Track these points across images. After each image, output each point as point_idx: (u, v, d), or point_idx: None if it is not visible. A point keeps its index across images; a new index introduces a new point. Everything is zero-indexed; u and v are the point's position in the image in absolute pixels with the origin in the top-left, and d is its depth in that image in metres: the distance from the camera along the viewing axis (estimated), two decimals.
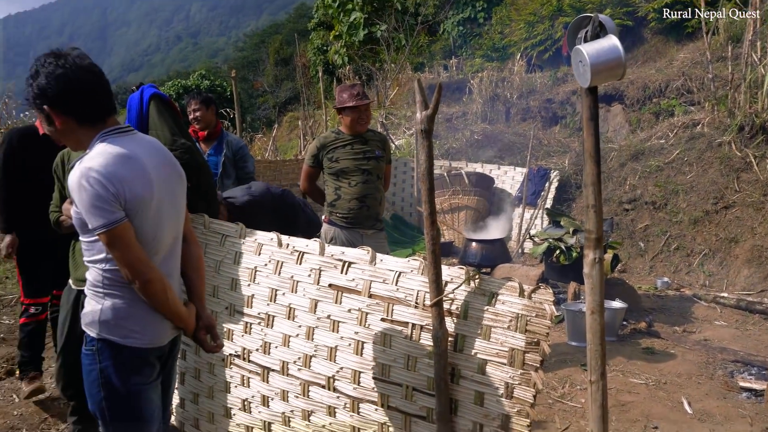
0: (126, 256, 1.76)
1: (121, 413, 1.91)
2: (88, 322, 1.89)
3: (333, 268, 2.49)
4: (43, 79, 1.78)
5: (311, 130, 11.17)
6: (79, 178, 1.73)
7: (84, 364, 1.93)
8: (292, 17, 50.33)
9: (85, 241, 1.87)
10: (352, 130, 3.74)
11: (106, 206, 1.72)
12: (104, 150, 1.79)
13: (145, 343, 1.90)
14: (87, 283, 1.91)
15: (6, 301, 5.49)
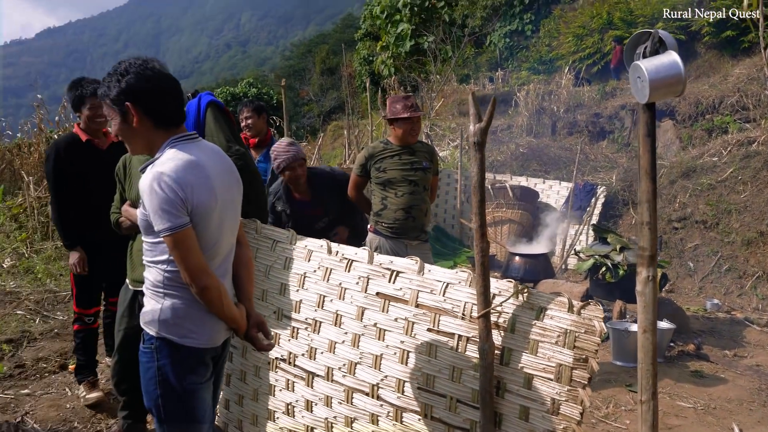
0: (187, 261, 1.83)
1: (176, 411, 1.96)
2: (148, 321, 1.96)
3: (381, 277, 2.52)
4: (132, 77, 1.86)
5: (356, 140, 11.25)
6: (151, 182, 1.80)
7: (142, 362, 1.99)
8: (339, 27, 51.03)
9: (148, 242, 1.94)
10: (402, 141, 3.77)
11: (173, 210, 1.79)
12: (175, 156, 1.87)
13: (201, 343, 1.96)
14: (147, 282, 1.98)
15: (60, 297, 5.70)
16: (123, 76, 1.87)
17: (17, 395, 3.68)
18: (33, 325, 4.93)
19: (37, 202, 8.10)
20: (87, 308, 3.58)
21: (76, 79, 3.51)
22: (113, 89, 1.87)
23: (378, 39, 25.21)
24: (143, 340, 1.99)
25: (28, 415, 3.40)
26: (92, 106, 3.40)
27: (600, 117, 11.64)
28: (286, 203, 3.81)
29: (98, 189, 3.36)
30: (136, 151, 1.99)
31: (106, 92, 1.90)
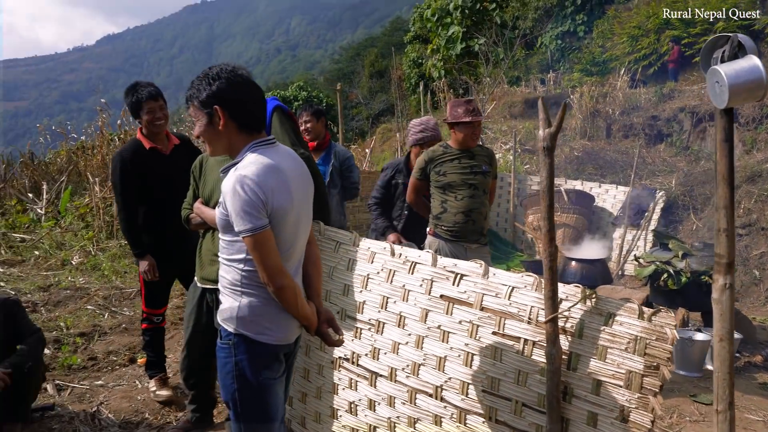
0: (265, 261, 1.90)
1: (251, 405, 2.04)
2: (226, 318, 2.03)
3: (445, 280, 2.54)
4: (223, 83, 1.96)
5: None
6: (234, 184, 1.87)
7: (219, 357, 2.06)
8: (388, 31, 51.22)
9: (225, 240, 2.03)
10: (463, 145, 3.78)
11: (254, 212, 1.86)
12: (256, 160, 1.94)
13: (276, 340, 2.04)
14: (223, 281, 2.06)
15: (126, 294, 5.94)
16: (214, 80, 1.96)
17: (92, 386, 3.87)
18: (102, 319, 5.16)
19: (102, 202, 8.46)
20: (155, 308, 3.69)
21: (131, 84, 3.56)
22: (203, 92, 1.96)
23: (427, 42, 25.23)
24: (221, 336, 2.07)
25: (103, 405, 3.57)
26: (150, 109, 3.44)
27: (657, 120, 11.35)
28: (406, 176, 4.18)
29: (165, 193, 3.45)
30: (217, 152, 2.07)
31: (195, 94, 1.99)
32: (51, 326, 4.79)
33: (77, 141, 12.15)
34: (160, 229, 3.52)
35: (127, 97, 3.48)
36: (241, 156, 1.98)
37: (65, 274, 6.58)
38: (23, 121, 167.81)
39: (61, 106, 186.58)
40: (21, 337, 3.18)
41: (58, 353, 4.33)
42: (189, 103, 2.03)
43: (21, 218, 8.64)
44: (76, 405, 3.58)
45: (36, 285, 6.05)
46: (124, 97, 3.49)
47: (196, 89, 1.99)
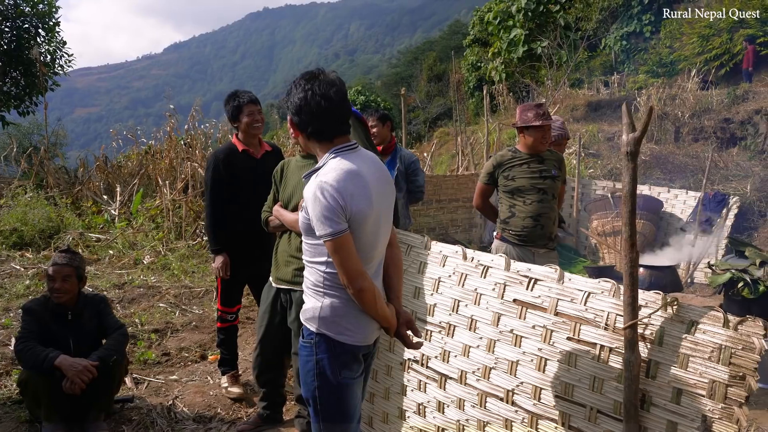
0: (345, 264, 1.96)
1: (331, 402, 2.09)
2: (309, 318, 2.10)
3: (518, 284, 2.53)
4: (294, 97, 2.05)
5: (471, 147, 11.23)
6: (315, 190, 1.94)
7: (301, 355, 2.13)
8: (446, 34, 51.04)
9: (308, 243, 2.09)
10: (533, 149, 3.75)
11: (334, 217, 1.92)
12: (337, 166, 2.00)
13: (356, 341, 2.08)
14: (307, 282, 2.13)
15: (195, 293, 6.15)
16: (290, 91, 2.08)
17: (166, 380, 4.03)
18: (174, 317, 5.37)
19: (172, 204, 8.80)
20: (230, 306, 3.80)
21: (232, 92, 3.73)
22: (289, 102, 2.08)
23: (487, 45, 25.01)
24: (303, 335, 2.13)
25: (178, 399, 3.72)
26: (249, 112, 3.61)
27: (731, 122, 10.90)
28: None
29: (250, 195, 3.55)
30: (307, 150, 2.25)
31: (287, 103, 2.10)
32: (127, 322, 5.01)
33: (145, 145, 12.67)
34: (240, 229, 3.64)
35: (229, 103, 3.64)
36: (324, 161, 2.05)
37: (138, 273, 6.87)
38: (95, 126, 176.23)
39: (129, 112, 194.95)
40: (106, 331, 3.36)
41: (134, 348, 4.53)
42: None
43: (96, 219, 9.08)
44: (153, 398, 3.74)
45: (111, 283, 6.35)
46: (225, 104, 3.67)
47: (288, 98, 2.10)
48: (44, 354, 3.04)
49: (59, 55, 19.72)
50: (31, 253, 7.49)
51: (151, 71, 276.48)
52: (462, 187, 8.35)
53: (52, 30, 19.12)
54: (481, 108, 24.80)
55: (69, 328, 3.28)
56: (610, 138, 11.58)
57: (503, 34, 17.53)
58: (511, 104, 19.20)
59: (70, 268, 3.29)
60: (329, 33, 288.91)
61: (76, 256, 3.38)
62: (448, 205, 8.17)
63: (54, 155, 12.77)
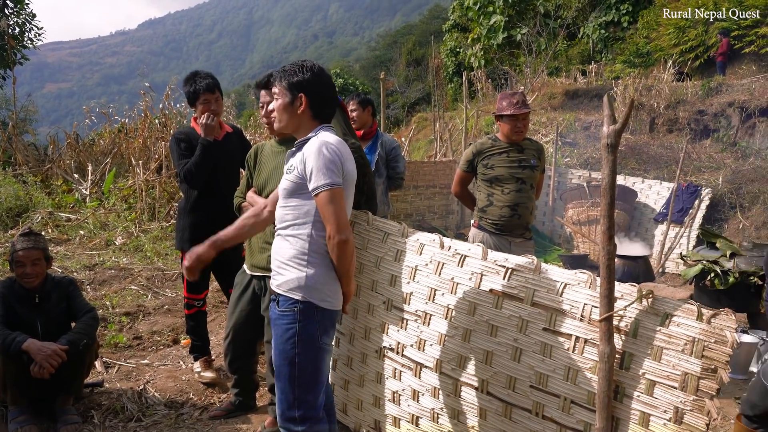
0: (338, 214, 2.16)
1: (308, 368, 2.23)
2: (293, 287, 2.23)
3: (495, 274, 2.53)
4: (314, 76, 2.28)
5: (450, 133, 11.20)
6: (319, 146, 2.17)
7: (278, 324, 2.24)
8: (426, 19, 50.80)
9: (292, 206, 2.26)
10: (508, 139, 3.75)
11: (334, 170, 2.16)
12: (330, 134, 2.28)
13: (334, 306, 2.29)
14: (284, 254, 2.26)
15: (168, 275, 6.06)
16: (306, 71, 2.28)
17: (138, 365, 3.97)
18: (146, 300, 5.28)
19: (145, 185, 8.64)
20: (197, 293, 3.73)
21: (191, 73, 3.62)
22: (294, 77, 2.27)
23: (466, 30, 24.92)
24: (279, 304, 2.25)
25: (149, 383, 3.66)
26: (205, 100, 3.50)
27: (704, 114, 11.04)
28: None
29: (211, 177, 3.50)
30: (283, 129, 2.36)
31: (285, 76, 2.29)
32: (97, 305, 4.92)
33: (118, 123, 12.39)
34: (203, 211, 3.57)
35: (186, 86, 3.55)
36: (314, 133, 2.27)
37: (109, 254, 6.75)
38: (66, 102, 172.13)
39: (102, 89, 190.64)
40: (76, 314, 3.28)
41: (104, 332, 4.45)
42: (276, 81, 2.30)
43: (67, 198, 8.87)
44: (124, 382, 3.68)
45: (82, 264, 6.22)
46: (183, 85, 3.57)
47: (288, 72, 2.29)
48: (11, 337, 2.96)
49: (28, 28, 19.16)
50: None
51: (125, 47, 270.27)
52: (440, 174, 8.34)
53: (21, 2, 18.52)
54: (459, 94, 24.78)
55: (37, 311, 3.20)
56: (587, 127, 11.65)
57: (483, 20, 17.45)
58: (489, 91, 19.21)
59: (38, 251, 3.20)
60: (308, 14, 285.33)
61: (39, 238, 3.29)
62: (425, 191, 8.16)
63: (23, 131, 12.41)
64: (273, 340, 2.30)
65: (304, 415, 2.24)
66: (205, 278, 3.76)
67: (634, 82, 12.99)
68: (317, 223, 2.23)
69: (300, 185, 2.22)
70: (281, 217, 2.32)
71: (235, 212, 3.16)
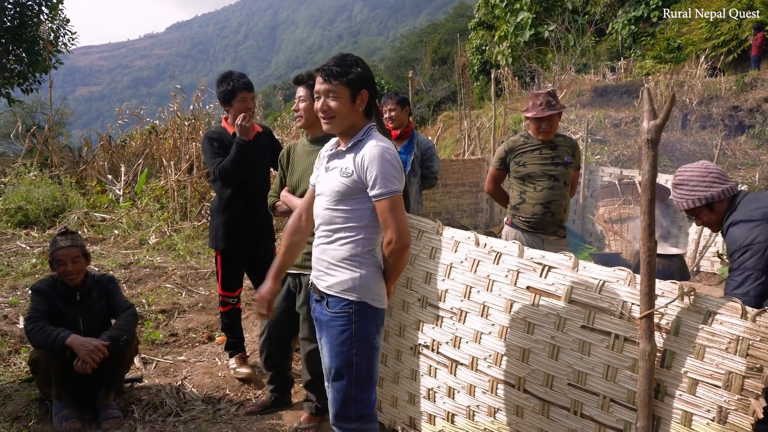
0: (400, 221, 2.16)
1: (365, 368, 2.25)
2: (346, 288, 2.23)
3: (531, 271, 2.52)
4: (363, 69, 2.24)
5: (478, 131, 11.15)
6: (382, 152, 2.16)
7: (334, 326, 2.24)
8: (451, 17, 50.61)
9: (345, 209, 2.22)
10: (538, 137, 3.73)
11: (397, 176, 2.18)
12: (382, 138, 2.25)
13: (383, 305, 2.30)
14: (336, 255, 2.25)
15: (201, 274, 6.15)
16: (359, 65, 2.23)
17: (175, 361, 4.04)
18: (180, 297, 5.37)
19: (177, 185, 8.77)
20: (231, 291, 3.78)
21: (226, 73, 3.61)
22: (352, 73, 2.20)
23: (492, 28, 24.78)
24: (329, 305, 2.25)
25: (186, 379, 3.73)
26: (242, 99, 3.51)
27: (739, 110, 10.82)
28: None
29: (247, 178, 3.53)
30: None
31: (342, 72, 2.18)
32: (134, 302, 5.00)
33: (149, 125, 12.61)
34: (236, 210, 3.61)
35: (221, 85, 3.53)
36: (363, 135, 2.25)
37: (143, 253, 6.87)
38: (97, 105, 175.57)
39: (131, 91, 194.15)
40: (115, 311, 3.36)
41: (141, 329, 4.54)
42: (330, 78, 2.18)
43: (101, 198, 9.07)
44: (162, 378, 3.75)
45: (117, 263, 6.35)
46: (217, 85, 3.55)
47: (344, 68, 2.19)
48: (55, 333, 3.04)
49: (62, 33, 19.58)
50: (36, 231, 7.50)
51: (153, 50, 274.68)
52: (468, 172, 8.31)
53: (55, 8, 18.96)
54: (485, 92, 24.64)
55: (78, 308, 3.28)
56: (617, 124, 11.51)
57: (510, 18, 17.32)
58: (516, 88, 19.08)
59: (76, 249, 3.28)
60: (332, 14, 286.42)
61: (76, 236, 3.37)
62: (454, 190, 8.14)
63: (58, 134, 12.71)
64: (327, 342, 2.29)
65: (359, 413, 2.26)
66: (239, 275, 3.81)
67: (665, 78, 12.79)
68: (370, 226, 2.23)
69: (356, 189, 2.19)
70: (330, 219, 2.26)
71: (269, 211, 3.19)
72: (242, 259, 3.72)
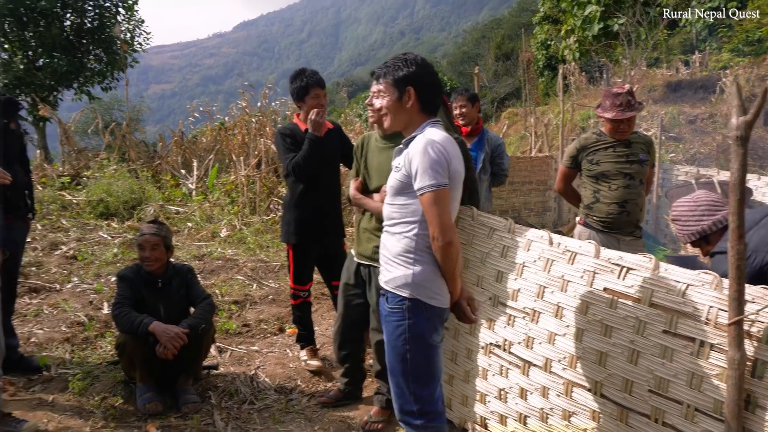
0: (442, 216, 2.12)
1: (422, 364, 2.23)
2: (400, 285, 2.24)
3: (609, 272, 2.46)
4: (420, 69, 2.26)
5: (545, 128, 10.93)
6: (425, 145, 2.13)
7: (389, 321, 2.26)
8: (515, 12, 49.66)
9: (399, 204, 2.25)
10: (614, 134, 3.63)
11: (440, 170, 2.12)
12: (437, 132, 2.22)
13: (442, 304, 2.26)
14: (391, 251, 2.27)
15: (270, 267, 6.31)
16: (411, 64, 2.26)
17: (248, 351, 4.17)
18: (251, 289, 5.53)
19: (246, 180, 9.02)
20: (302, 284, 3.85)
21: (299, 70, 3.69)
22: (400, 72, 2.25)
23: (557, 22, 24.16)
24: (388, 301, 2.27)
25: (259, 369, 3.85)
26: (315, 95, 3.58)
27: None
28: None
29: (318, 173, 3.60)
30: (393, 127, 2.33)
31: (390, 72, 2.27)
32: (208, 293, 5.21)
33: (218, 121, 13.03)
34: (308, 205, 3.68)
35: (295, 82, 3.61)
36: (420, 130, 2.25)
37: (215, 246, 7.11)
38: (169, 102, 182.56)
39: (201, 89, 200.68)
40: (194, 301, 3.50)
41: (216, 318, 4.70)
42: (380, 79, 2.29)
43: (175, 192, 9.44)
44: (236, 367, 3.88)
45: (191, 254, 6.60)
46: (291, 81, 3.64)
47: (392, 68, 2.27)
48: (139, 319, 3.20)
49: (138, 33, 20.42)
50: (117, 222, 7.87)
51: (221, 49, 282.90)
52: (536, 170, 8.17)
53: (131, 9, 19.81)
54: (551, 88, 24.09)
55: (159, 295, 3.44)
56: (692, 120, 11.03)
57: (577, 11, 16.86)
58: (583, 84, 18.57)
59: (157, 238, 3.44)
60: (395, 11, 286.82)
61: (162, 227, 3.54)
62: (521, 188, 8.02)
63: (135, 129, 13.29)
64: (385, 336, 2.34)
65: (422, 410, 2.27)
66: (310, 269, 3.89)
67: (744, 71, 12.16)
68: (424, 222, 2.21)
69: (406, 184, 2.21)
70: (389, 215, 2.33)
71: (348, 200, 3.25)
72: (313, 254, 3.80)
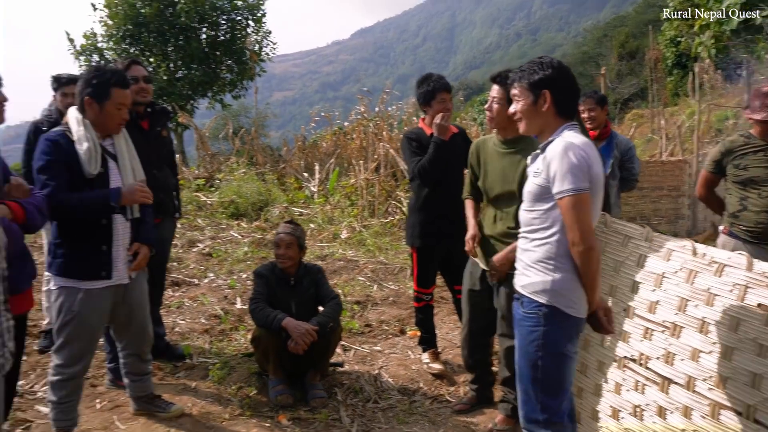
0: (582, 221, 2.08)
1: (552, 373, 2.20)
2: (538, 290, 2.21)
3: (764, 287, 2.27)
4: (556, 72, 2.22)
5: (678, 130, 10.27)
6: (565, 149, 2.10)
7: (523, 326, 2.25)
8: (640, 8, 47.08)
9: (538, 210, 2.22)
10: (764, 137, 3.35)
11: (580, 174, 2.08)
12: (576, 135, 2.19)
13: (579, 314, 2.21)
14: (530, 256, 2.24)
15: (390, 269, 6.43)
16: (547, 67, 2.22)
17: (371, 350, 4.29)
18: (372, 291, 5.67)
19: (365, 183, 9.26)
20: (426, 287, 3.89)
21: (425, 75, 3.76)
22: (535, 75, 2.21)
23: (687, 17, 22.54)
24: (523, 305, 2.25)
25: (383, 369, 3.94)
26: (441, 99, 3.64)
27: None
28: None
29: (441, 175, 3.63)
30: (530, 130, 2.32)
31: (525, 76, 2.24)
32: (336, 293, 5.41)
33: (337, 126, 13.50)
34: (433, 209, 3.72)
35: (421, 86, 3.69)
36: (557, 135, 2.21)
37: (336, 247, 7.36)
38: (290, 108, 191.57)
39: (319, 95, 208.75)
40: (322, 300, 3.66)
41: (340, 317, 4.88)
42: (515, 83, 2.27)
43: (298, 194, 9.90)
44: (360, 366, 4.00)
45: (314, 254, 6.87)
46: (417, 86, 3.72)
47: (527, 72, 2.24)
48: (273, 315, 3.39)
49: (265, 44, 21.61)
50: (246, 222, 8.38)
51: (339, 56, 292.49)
52: (668, 174, 7.69)
53: (260, 21, 20.99)
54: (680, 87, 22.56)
55: (291, 293, 3.62)
56: None
57: (713, 5, 15.61)
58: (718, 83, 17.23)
59: (292, 237, 3.63)
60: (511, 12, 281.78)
61: (297, 228, 3.73)
62: (651, 194, 7.58)
63: (261, 135, 14.09)
64: (517, 340, 2.32)
65: (548, 420, 2.24)
66: (433, 272, 3.93)
67: None
68: (564, 228, 2.17)
69: (546, 189, 2.17)
70: (527, 221, 2.30)
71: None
72: (437, 257, 3.83)
